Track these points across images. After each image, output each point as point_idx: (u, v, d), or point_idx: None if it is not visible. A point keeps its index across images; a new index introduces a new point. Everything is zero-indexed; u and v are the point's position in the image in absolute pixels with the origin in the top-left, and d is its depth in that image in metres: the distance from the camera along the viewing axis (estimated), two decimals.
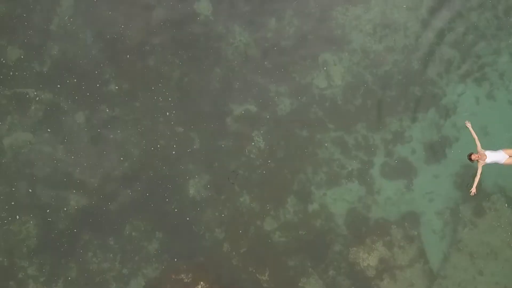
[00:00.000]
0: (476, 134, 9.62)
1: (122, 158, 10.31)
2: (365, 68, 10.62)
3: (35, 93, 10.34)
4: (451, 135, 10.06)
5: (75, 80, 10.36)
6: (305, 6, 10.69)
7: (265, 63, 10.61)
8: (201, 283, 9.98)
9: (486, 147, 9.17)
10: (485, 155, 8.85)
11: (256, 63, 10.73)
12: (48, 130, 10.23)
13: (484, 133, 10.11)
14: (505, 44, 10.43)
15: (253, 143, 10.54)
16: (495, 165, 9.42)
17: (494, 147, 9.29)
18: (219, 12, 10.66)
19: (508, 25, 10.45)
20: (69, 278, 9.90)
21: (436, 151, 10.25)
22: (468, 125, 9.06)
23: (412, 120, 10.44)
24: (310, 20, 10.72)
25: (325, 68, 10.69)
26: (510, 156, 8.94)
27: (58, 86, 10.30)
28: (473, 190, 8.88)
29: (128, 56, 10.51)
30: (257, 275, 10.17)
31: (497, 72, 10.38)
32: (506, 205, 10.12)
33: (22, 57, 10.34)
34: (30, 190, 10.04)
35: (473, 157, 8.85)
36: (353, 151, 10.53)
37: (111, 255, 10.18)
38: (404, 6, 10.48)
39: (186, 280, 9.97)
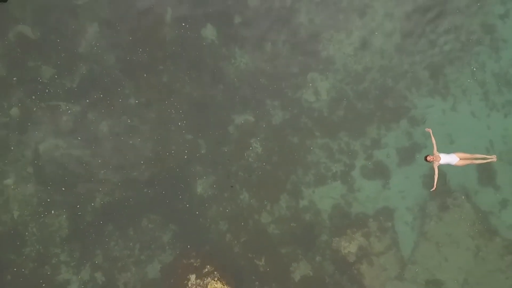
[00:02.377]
0: (442, 141, 10.46)
1: (142, 162, 10.91)
2: (347, 84, 11.30)
3: (67, 106, 10.89)
4: (420, 142, 10.88)
5: (101, 96, 10.91)
6: (296, 32, 11.24)
7: (261, 80, 11.26)
8: (208, 266, 10.69)
9: (448, 151, 9.78)
10: (439, 157, 9.41)
11: (254, 80, 11.30)
12: (79, 138, 10.79)
13: (449, 140, 10.95)
14: (467, 64, 11.15)
15: (251, 148, 11.21)
16: (460, 168, 9.99)
17: (456, 151, 9.82)
18: (222, 36, 11.24)
19: (469, 48, 11.14)
20: (96, 262, 10.66)
21: (407, 155, 11.02)
22: (429, 131, 9.61)
23: (387, 129, 11.20)
24: (300, 44, 11.31)
25: (310, 85, 11.33)
26: (460, 159, 9.55)
27: (87, 100, 10.83)
28: (434, 188, 9.48)
29: (145, 75, 11.07)
30: (255, 260, 10.90)
31: (460, 88, 11.14)
32: (466, 201, 10.92)
33: (55, 76, 10.86)
34: (63, 189, 10.68)
35: (428, 158, 9.40)
36: (337, 155, 11.25)
37: (131, 243, 10.89)
38: (379, 33, 11.15)
39: (195, 264, 10.70)
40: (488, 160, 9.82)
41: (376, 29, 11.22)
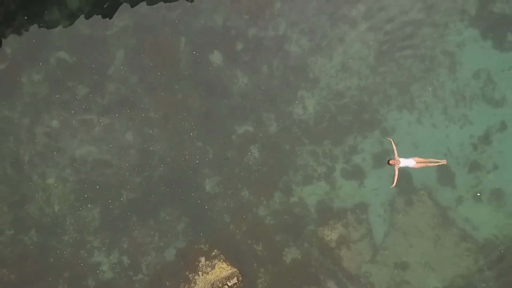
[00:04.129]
0: (408, 147, 11.67)
1: (161, 165, 11.97)
2: (329, 100, 12.36)
3: (99, 119, 12.01)
4: (390, 148, 11.36)
5: (128, 110, 11.98)
6: (287, 57, 12.40)
7: (259, 97, 12.31)
8: (215, 251, 11.75)
9: (408, 156, 11.03)
10: (399, 161, 10.52)
11: (252, 97, 12.31)
12: (110, 145, 11.85)
13: (415, 147, 12.00)
14: (430, 83, 12.31)
15: (250, 154, 12.23)
16: (423, 169, 11.36)
17: (414, 156, 11.11)
18: (227, 61, 12.28)
19: (431, 70, 12.33)
20: (125, 246, 11.69)
21: (380, 159, 12.08)
22: (390, 140, 10.83)
23: (363, 137, 12.25)
24: (291, 66, 12.40)
25: (297, 102, 12.38)
26: (417, 162, 10.77)
27: (116, 115, 11.94)
28: (394, 185, 10.65)
29: (162, 93, 12.15)
30: (254, 246, 11.88)
31: (424, 104, 12.28)
32: (428, 198, 12.05)
33: (90, 94, 11.98)
34: (97, 187, 11.77)
35: (390, 162, 10.54)
36: (321, 159, 12.24)
37: (151, 232, 11.85)
38: (356, 57, 12.36)
39: (204, 249, 11.76)
40: (440, 163, 11.16)
41: (353, 54, 12.37)
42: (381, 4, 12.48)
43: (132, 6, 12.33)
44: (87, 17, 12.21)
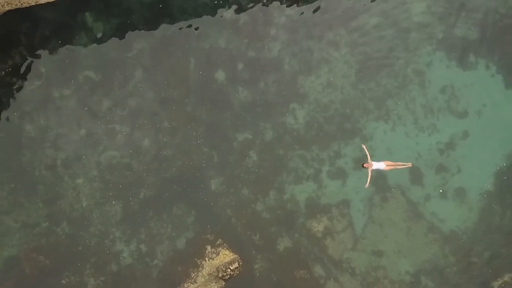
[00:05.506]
0: (383, 153, 13.09)
1: (174, 169, 12.98)
2: (317, 112, 13.61)
3: (121, 129, 13.04)
4: (369, 153, 12.56)
5: (145, 122, 13.04)
6: (281, 74, 13.60)
7: (257, 109, 13.52)
8: (219, 240, 12.75)
9: (380, 160, 12.37)
10: (372, 164, 11.77)
11: (251, 109, 13.42)
12: (130, 151, 12.96)
13: (389, 152, 13.36)
14: (403, 98, 13.66)
15: (248, 158, 13.27)
16: (395, 171, 12.72)
17: (384, 160, 12.39)
18: (229, 78, 13.44)
19: (404, 86, 13.73)
20: (143, 237, 12.76)
21: (360, 163, 13.15)
22: (364, 146, 12.00)
23: (345, 144, 13.55)
24: (284, 83, 13.65)
25: (286, 115, 13.47)
26: (387, 165, 12.01)
27: (135, 125, 13.03)
28: (367, 185, 11.82)
29: (174, 107, 13.23)
30: (252, 236, 12.94)
31: (397, 115, 13.66)
32: (401, 195, 13.43)
33: (113, 107, 13.09)
34: (120, 186, 12.88)
35: (364, 165, 11.87)
36: (310, 163, 13.46)
37: (165, 224, 12.85)
38: (340, 75, 13.66)
39: (210, 238, 12.76)
40: (406, 166, 12.58)
41: (337, 73, 13.63)
42: (360, 30, 13.97)
43: (148, 32, 13.66)
44: (110, 41, 13.41)
